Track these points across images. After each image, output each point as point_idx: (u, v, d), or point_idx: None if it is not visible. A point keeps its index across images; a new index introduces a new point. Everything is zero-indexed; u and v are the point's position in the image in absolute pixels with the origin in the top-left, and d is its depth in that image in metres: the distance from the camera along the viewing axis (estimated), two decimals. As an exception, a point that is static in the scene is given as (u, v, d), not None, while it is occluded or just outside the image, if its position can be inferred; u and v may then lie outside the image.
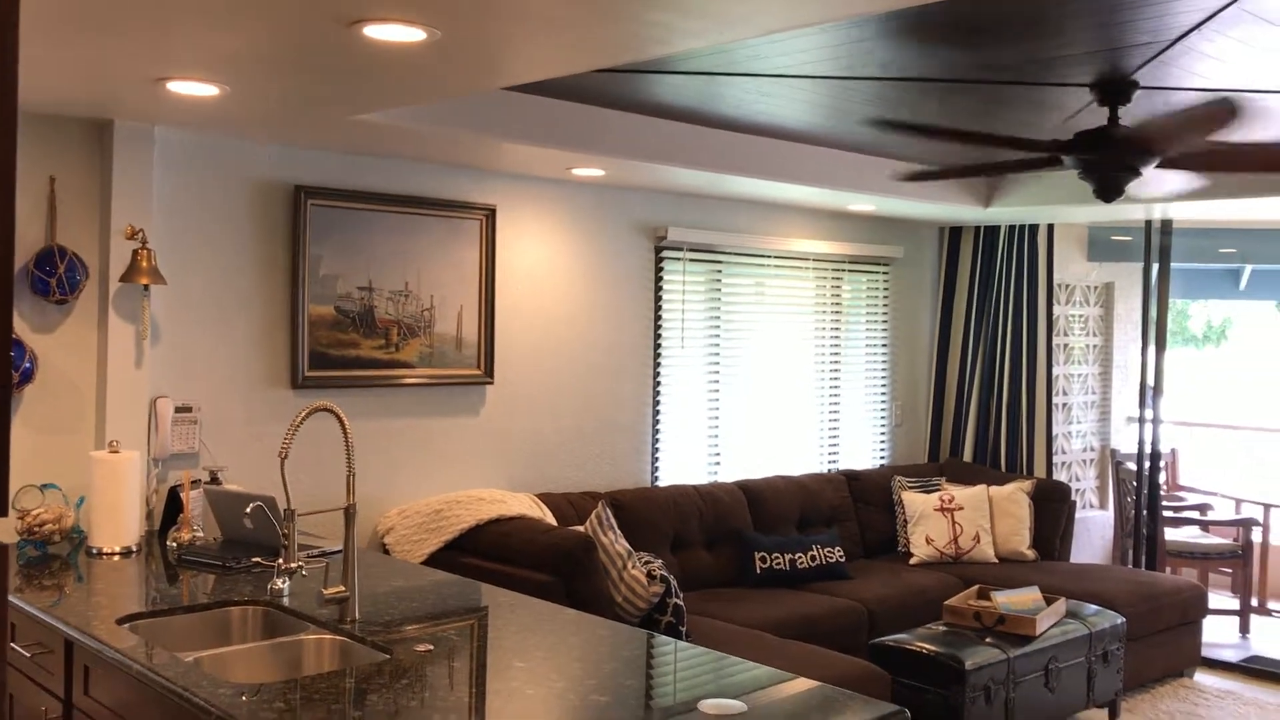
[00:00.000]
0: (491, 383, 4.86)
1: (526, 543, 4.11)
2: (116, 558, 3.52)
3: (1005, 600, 4.63)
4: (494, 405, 4.91)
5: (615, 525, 4.21)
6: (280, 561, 2.82)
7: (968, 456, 6.80)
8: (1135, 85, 3.70)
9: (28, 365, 3.69)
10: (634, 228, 5.41)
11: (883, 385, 6.74)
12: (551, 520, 4.58)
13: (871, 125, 4.14)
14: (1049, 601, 4.77)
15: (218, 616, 2.96)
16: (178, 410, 3.98)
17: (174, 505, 3.83)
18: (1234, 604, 6.77)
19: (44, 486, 3.73)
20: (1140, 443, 6.63)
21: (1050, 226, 6.63)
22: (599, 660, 2.53)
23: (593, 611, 3.61)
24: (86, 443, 3.86)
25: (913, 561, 5.82)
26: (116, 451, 3.61)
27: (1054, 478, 6.66)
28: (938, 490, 6.07)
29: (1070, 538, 6.23)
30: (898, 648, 4.37)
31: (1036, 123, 4.42)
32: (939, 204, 5.80)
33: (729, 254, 5.79)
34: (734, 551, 5.28)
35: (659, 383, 5.53)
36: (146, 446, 3.91)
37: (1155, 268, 6.57)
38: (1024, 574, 5.58)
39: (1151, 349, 6.58)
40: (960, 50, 3.41)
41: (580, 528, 4.24)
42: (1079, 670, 4.69)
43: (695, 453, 5.72)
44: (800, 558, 5.28)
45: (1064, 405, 7.37)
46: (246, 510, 3.51)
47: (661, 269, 5.50)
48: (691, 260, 5.63)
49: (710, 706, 2.21)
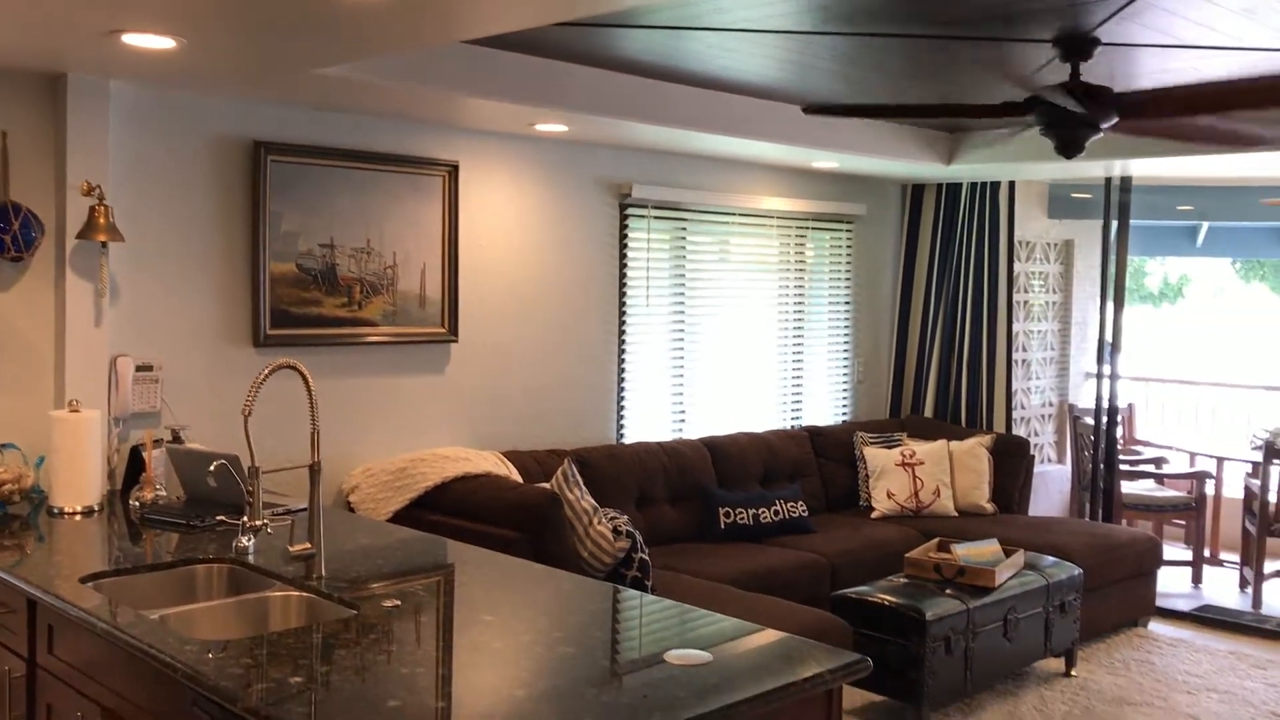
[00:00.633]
0: (456, 341, 4.84)
1: (492, 500, 4.12)
2: (78, 517, 3.49)
3: (965, 552, 4.70)
4: (458, 363, 4.90)
5: (581, 482, 4.23)
6: (245, 519, 2.81)
7: (929, 412, 6.87)
8: (1097, 41, 3.72)
9: (-17, 324, 3.64)
10: (598, 185, 5.39)
11: (845, 342, 6.78)
12: (517, 478, 4.59)
13: (812, 112, 4.08)
14: (1008, 554, 4.85)
15: (182, 575, 2.96)
16: (138, 369, 3.95)
17: (136, 464, 3.81)
18: (1187, 555, 6.92)
19: (2, 446, 3.69)
20: (1098, 398, 6.73)
21: (1011, 184, 6.67)
22: (566, 613, 2.55)
23: (559, 568, 3.63)
24: (45, 402, 3.82)
25: (874, 515, 5.90)
26: (77, 411, 3.57)
27: (1013, 433, 6.75)
28: (899, 445, 6.14)
29: (1029, 491, 6.32)
30: (859, 599, 4.43)
31: (999, 77, 4.44)
32: (901, 161, 5.81)
33: (694, 211, 5.79)
34: (699, 507, 5.32)
35: (624, 340, 5.53)
36: (107, 405, 3.87)
37: (1114, 225, 6.63)
38: (983, 527, 5.66)
39: (1110, 306, 6.66)
40: (923, 4, 3.41)
41: (546, 485, 4.25)
42: (1037, 620, 4.78)
43: (660, 410, 5.74)
44: (764, 512, 5.33)
45: (1023, 361, 7.46)
46: (210, 469, 3.49)
47: (626, 226, 5.49)
48: (656, 218, 5.62)
49: (676, 657, 2.24)
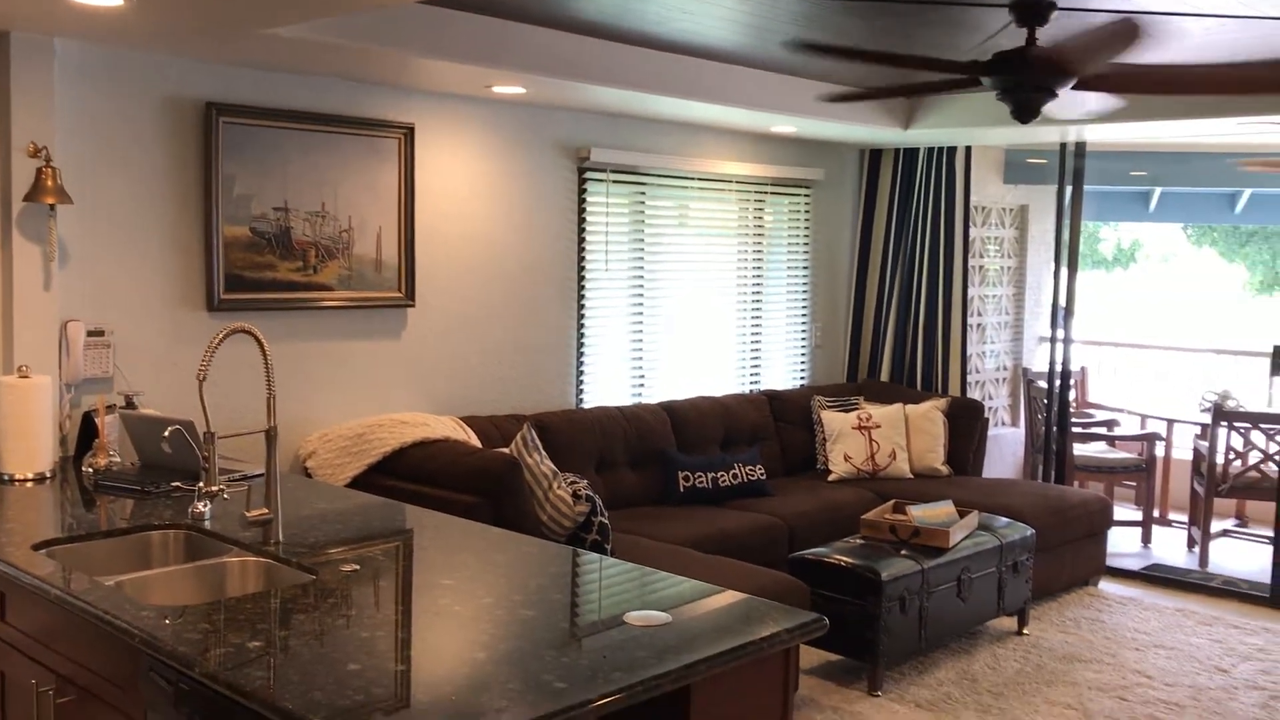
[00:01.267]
0: (413, 305, 4.81)
1: (451, 464, 4.12)
2: (29, 484, 3.45)
3: (920, 514, 4.76)
4: (416, 328, 4.87)
5: (540, 447, 4.23)
6: (201, 485, 2.79)
7: (885, 376, 6.92)
8: (1053, 6, 3.73)
9: (-72, 288, 3.56)
10: (557, 148, 5.35)
11: (803, 307, 6.81)
12: (476, 443, 4.58)
13: (794, 47, 4.12)
14: (962, 515, 4.92)
15: (138, 541, 2.93)
16: (90, 334, 3.88)
17: (89, 431, 3.75)
18: (1137, 515, 7.05)
19: (-50, 413, 3.63)
20: (1051, 362, 6.81)
21: (968, 149, 6.70)
22: (526, 577, 2.55)
23: (519, 532, 3.64)
24: (-6, 368, 3.76)
25: (831, 478, 5.95)
26: (26, 376, 3.52)
27: (968, 396, 6.82)
28: (856, 409, 6.19)
29: (983, 454, 6.41)
30: (817, 561, 4.48)
31: (956, 43, 4.45)
32: (859, 125, 5.82)
33: (652, 175, 5.77)
34: (658, 471, 5.34)
35: (583, 305, 5.52)
36: (58, 371, 3.82)
37: (1069, 190, 6.69)
38: (938, 489, 5.73)
39: (1064, 270, 6.73)
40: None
41: (506, 450, 4.25)
42: (990, 580, 4.85)
43: (620, 374, 5.74)
44: (722, 476, 5.36)
45: (979, 326, 7.53)
46: (164, 434, 3.45)
47: (585, 190, 5.46)
48: (615, 182, 5.59)
49: (636, 618, 2.25)
